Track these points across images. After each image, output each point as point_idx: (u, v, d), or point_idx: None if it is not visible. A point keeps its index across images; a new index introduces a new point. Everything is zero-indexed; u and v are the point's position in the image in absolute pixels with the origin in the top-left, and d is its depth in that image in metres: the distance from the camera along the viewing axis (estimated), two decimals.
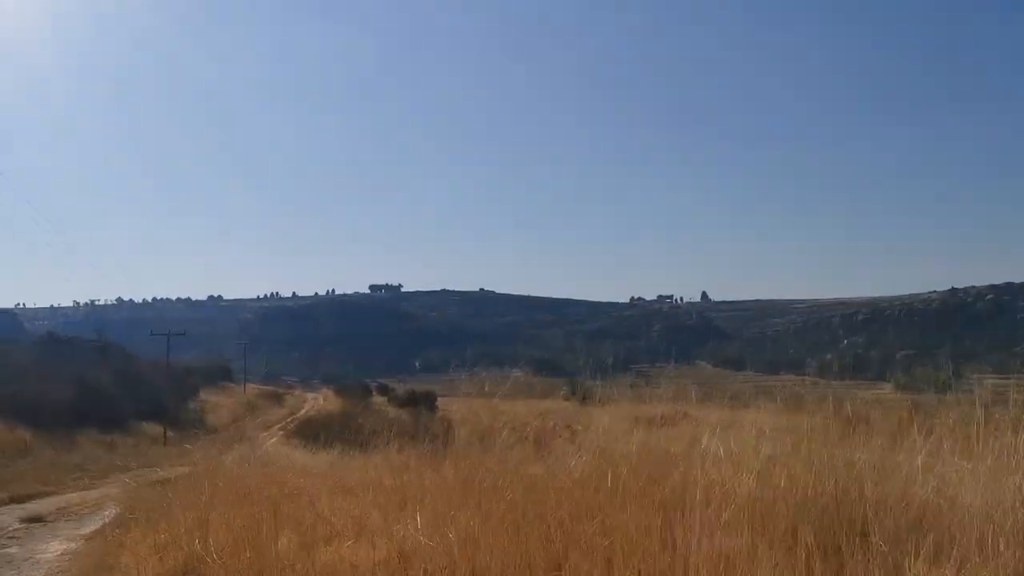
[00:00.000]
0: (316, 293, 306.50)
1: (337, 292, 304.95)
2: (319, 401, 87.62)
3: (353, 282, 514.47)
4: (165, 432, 43.46)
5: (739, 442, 8.02)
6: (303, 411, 78.39)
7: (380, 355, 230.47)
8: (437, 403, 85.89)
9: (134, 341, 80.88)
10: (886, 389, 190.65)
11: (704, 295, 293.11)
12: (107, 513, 14.84)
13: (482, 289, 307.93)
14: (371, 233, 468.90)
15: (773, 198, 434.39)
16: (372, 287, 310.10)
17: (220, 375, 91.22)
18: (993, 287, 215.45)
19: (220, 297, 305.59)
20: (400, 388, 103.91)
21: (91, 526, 14.10)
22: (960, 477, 6.48)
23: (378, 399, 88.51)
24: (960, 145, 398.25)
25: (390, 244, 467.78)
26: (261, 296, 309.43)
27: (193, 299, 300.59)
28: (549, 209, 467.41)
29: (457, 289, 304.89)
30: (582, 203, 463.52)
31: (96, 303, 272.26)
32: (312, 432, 41.50)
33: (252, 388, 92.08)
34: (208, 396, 73.11)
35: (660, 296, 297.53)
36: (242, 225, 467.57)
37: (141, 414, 51.32)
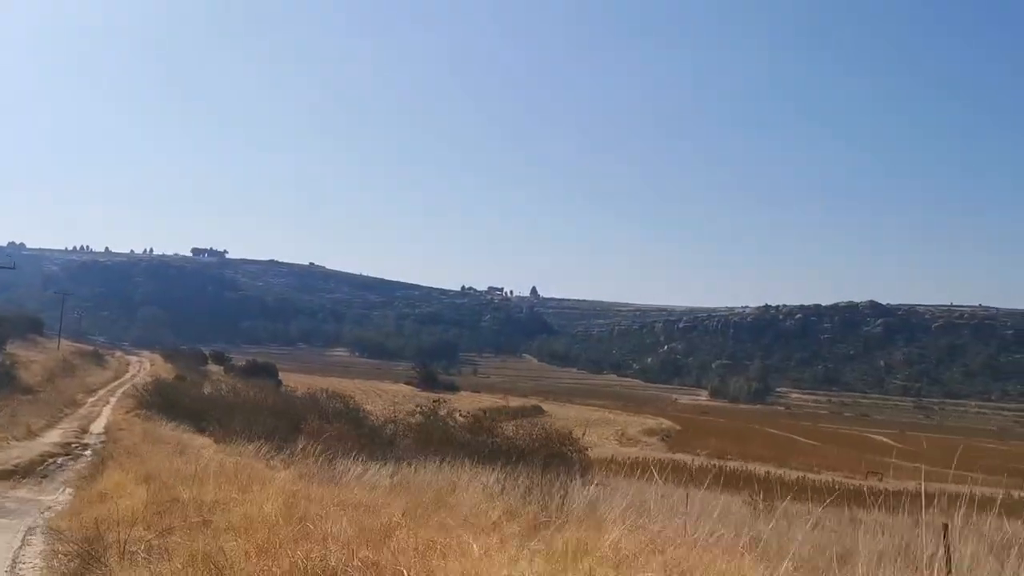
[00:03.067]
0: (132, 251, 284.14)
1: (155, 252, 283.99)
2: (146, 365, 77.53)
3: (173, 243, 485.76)
4: None
5: None
6: (129, 375, 68.62)
7: (200, 322, 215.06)
8: (280, 376, 78.26)
9: None
10: (702, 395, 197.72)
11: (534, 290, 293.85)
12: None
13: (312, 263, 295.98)
14: (195, 193, 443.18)
15: (604, 203, 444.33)
16: (195, 250, 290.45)
17: (28, 327, 79.00)
18: (802, 307, 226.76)
19: (23, 245, 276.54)
20: (236, 358, 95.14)
21: None
22: None
23: (213, 367, 79.63)
24: (784, 173, 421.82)
25: (216, 207, 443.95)
26: (69, 248, 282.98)
27: None
28: (384, 191, 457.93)
29: (286, 261, 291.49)
30: (416, 188, 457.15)
31: None
32: (164, 404, 33.93)
33: (66, 345, 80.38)
34: (17, 351, 62.15)
35: (491, 287, 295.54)
36: (50, 168, 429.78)
37: None
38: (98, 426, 30.64)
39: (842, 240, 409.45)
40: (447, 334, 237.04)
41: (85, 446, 21.87)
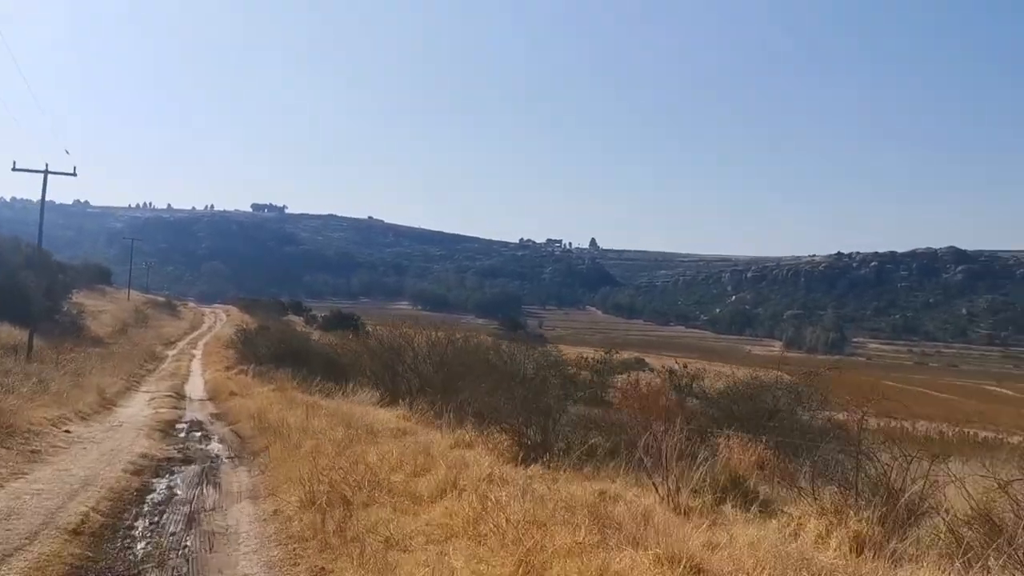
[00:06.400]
0: (193, 207, 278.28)
1: (217, 208, 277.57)
2: (222, 316, 69.47)
3: (234, 199, 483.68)
4: (31, 339, 25.63)
5: None
6: (206, 325, 60.46)
7: (263, 276, 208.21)
8: (367, 327, 69.63)
9: None
10: (776, 346, 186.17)
11: (593, 242, 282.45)
12: None
13: (371, 217, 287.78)
14: (255, 149, 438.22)
15: (658, 152, 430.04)
16: (255, 206, 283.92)
17: (97, 277, 71.15)
18: (876, 254, 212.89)
19: (87, 203, 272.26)
20: (315, 308, 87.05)
21: None
22: None
23: (294, 318, 71.20)
24: (852, 113, 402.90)
25: (275, 163, 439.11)
26: (133, 205, 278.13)
27: (57, 203, 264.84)
28: (438, 143, 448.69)
29: (345, 215, 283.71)
30: (469, 140, 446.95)
31: None
32: (276, 357, 24.69)
33: (136, 296, 72.53)
34: (84, 300, 54.01)
35: (549, 239, 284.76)
36: (114, 126, 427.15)
37: None
38: (196, 387, 21.60)
39: (917, 184, 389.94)
40: (509, 287, 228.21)
41: (199, 429, 12.76)
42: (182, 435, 11.99)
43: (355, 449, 7.67)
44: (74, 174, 27.32)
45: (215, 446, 10.87)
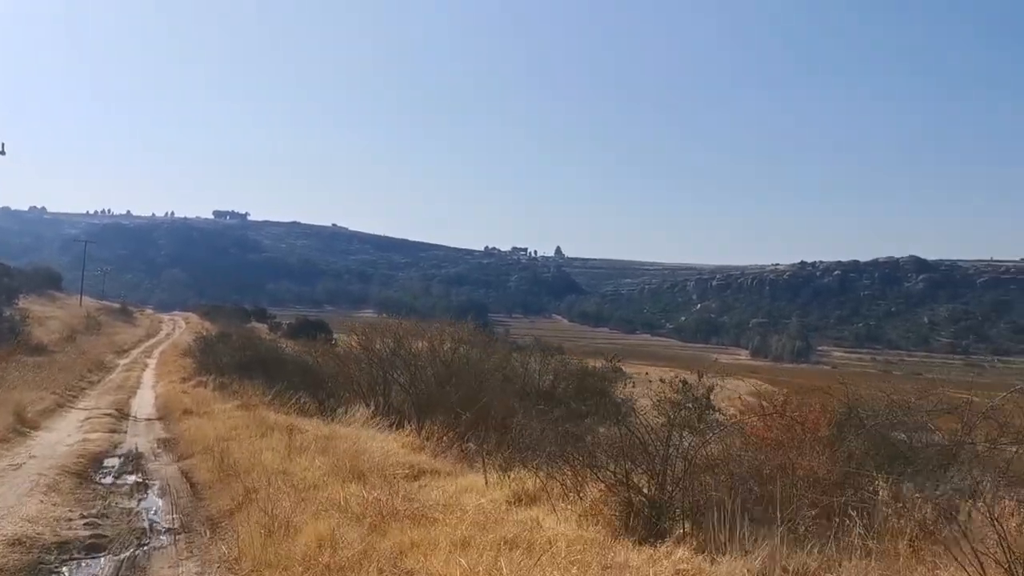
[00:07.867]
0: (153, 214, 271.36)
1: (177, 215, 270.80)
2: (181, 323, 65.25)
3: (195, 205, 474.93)
4: None
5: None
6: (164, 332, 56.37)
7: (225, 284, 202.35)
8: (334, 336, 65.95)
9: None
10: (743, 355, 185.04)
11: (558, 250, 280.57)
12: None
13: (335, 225, 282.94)
14: (216, 156, 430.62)
15: (624, 160, 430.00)
16: (216, 213, 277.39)
17: (47, 283, 66.64)
18: (839, 263, 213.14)
19: (44, 209, 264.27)
20: (279, 316, 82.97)
21: None
22: None
23: (257, 325, 67.21)
24: (815, 123, 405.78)
25: (237, 169, 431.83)
26: (91, 212, 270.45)
27: (12, 208, 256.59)
28: (403, 151, 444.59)
29: (309, 223, 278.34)
30: (436, 146, 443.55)
31: None
32: (241, 367, 21.14)
33: (90, 303, 68.12)
34: (32, 305, 49.93)
35: (515, 247, 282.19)
36: (71, 131, 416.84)
37: None
38: (144, 403, 17.99)
39: (878, 194, 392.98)
40: (475, 294, 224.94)
41: (135, 469, 9.30)
42: (107, 480, 8.48)
43: (396, 539, 4.40)
44: (2, 152, 23.64)
45: (153, 504, 7.29)
